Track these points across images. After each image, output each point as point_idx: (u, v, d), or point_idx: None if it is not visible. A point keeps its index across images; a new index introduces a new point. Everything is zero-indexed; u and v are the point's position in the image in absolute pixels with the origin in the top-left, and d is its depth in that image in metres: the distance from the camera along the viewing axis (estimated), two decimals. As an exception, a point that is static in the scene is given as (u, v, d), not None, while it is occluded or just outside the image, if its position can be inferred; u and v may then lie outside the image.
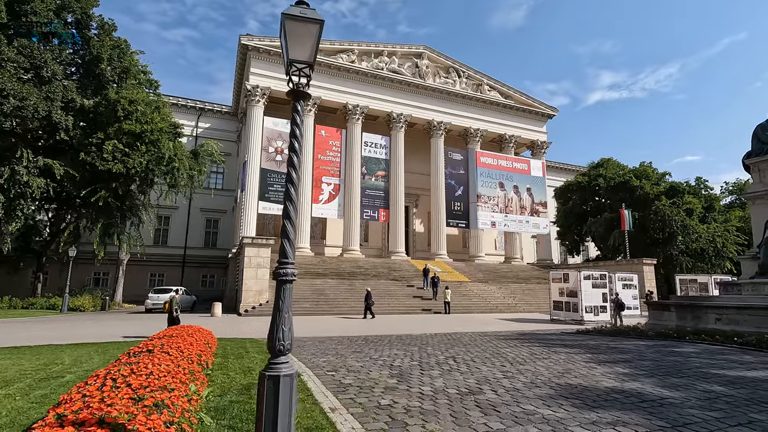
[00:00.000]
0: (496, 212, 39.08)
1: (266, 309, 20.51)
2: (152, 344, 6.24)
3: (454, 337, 12.60)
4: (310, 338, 12.18)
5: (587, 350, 9.68)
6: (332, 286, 24.63)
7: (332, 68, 34.82)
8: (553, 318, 20.57)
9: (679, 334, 11.93)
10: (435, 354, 9.05)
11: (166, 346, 6.22)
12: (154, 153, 23.74)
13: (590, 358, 8.43)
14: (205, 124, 42.57)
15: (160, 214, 40.06)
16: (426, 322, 17.83)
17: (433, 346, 10.32)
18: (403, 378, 6.39)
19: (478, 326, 16.42)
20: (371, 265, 30.99)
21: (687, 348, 10.12)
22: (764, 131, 13.98)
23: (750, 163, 14.28)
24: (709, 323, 12.27)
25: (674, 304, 13.52)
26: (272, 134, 33.24)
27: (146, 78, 27.63)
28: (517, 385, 6.06)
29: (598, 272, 20.37)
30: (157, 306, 22.12)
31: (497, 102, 41.00)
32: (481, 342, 11.29)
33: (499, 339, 12.07)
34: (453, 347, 10.19)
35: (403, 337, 12.48)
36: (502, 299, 27.21)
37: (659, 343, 11.21)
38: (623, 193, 38.67)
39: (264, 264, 21.58)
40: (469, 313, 23.25)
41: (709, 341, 10.93)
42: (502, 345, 10.59)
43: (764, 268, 12.64)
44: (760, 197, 13.73)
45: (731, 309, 11.86)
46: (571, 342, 11.38)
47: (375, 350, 9.61)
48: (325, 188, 34.02)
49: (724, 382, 6.39)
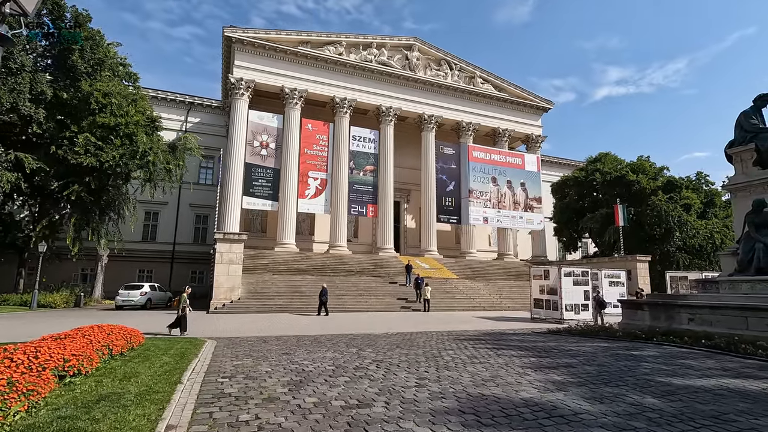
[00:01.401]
0: (488, 208, 38.26)
1: (237, 306, 20.00)
2: (23, 347, 5.66)
3: (410, 337, 11.94)
4: (256, 338, 11.57)
5: (537, 353, 8.97)
6: (310, 282, 24.04)
7: (319, 60, 34.11)
8: (533, 316, 19.82)
9: (649, 335, 11.16)
10: (369, 356, 8.40)
11: (39, 349, 5.65)
12: (129, 146, 23.25)
13: (532, 363, 7.72)
14: (195, 118, 42.02)
15: (149, 210, 39.81)
16: (396, 321, 17.18)
17: (376, 348, 9.66)
18: (299, 386, 5.74)
19: (448, 325, 15.74)
20: (356, 262, 30.38)
21: (648, 351, 9.36)
22: (747, 119, 13.07)
23: (732, 152, 13.38)
24: (683, 324, 11.48)
25: (647, 303, 12.71)
26: (257, 128, 32.70)
27: (125, 71, 27.11)
28: (421, 395, 5.39)
29: (579, 269, 19.58)
30: (127, 303, 21.69)
31: (490, 95, 40.04)
32: (432, 343, 10.61)
33: (455, 339, 11.38)
34: (396, 348, 9.53)
35: (357, 337, 11.84)
36: (488, 296, 26.47)
37: (622, 344, 10.46)
38: (620, 188, 37.62)
39: (236, 260, 21.04)
40: (449, 311, 22.56)
41: (677, 343, 10.17)
42: (450, 346, 9.91)
43: (743, 265, 11.80)
44: (742, 189, 12.86)
45: (704, 309, 11.05)
46: (528, 343, 10.66)
47: (309, 352, 8.98)
48: (311, 183, 33.43)
49: (662, 392, 5.67)
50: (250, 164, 31.89)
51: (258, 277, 23.90)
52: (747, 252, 11.66)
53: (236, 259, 20.99)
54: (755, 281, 11.19)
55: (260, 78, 32.46)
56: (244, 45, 32.09)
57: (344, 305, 21.68)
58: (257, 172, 32.08)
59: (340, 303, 21.88)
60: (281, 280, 23.57)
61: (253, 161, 32.10)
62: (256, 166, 32.15)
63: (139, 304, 22.06)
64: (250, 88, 32.13)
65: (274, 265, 26.77)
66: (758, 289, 11.09)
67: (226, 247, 20.91)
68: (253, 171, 31.94)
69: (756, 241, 11.48)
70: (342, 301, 22.14)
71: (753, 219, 11.70)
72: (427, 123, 37.49)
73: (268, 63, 32.83)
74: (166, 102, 40.70)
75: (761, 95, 13.10)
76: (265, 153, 32.50)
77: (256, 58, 32.52)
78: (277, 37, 33.01)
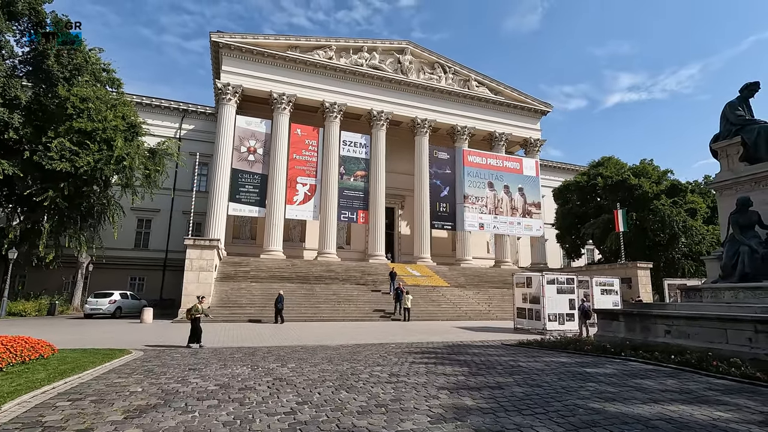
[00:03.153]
0: (484, 213, 37.10)
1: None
2: None
3: (357, 350, 10.97)
4: (190, 349, 10.74)
5: (476, 370, 7.93)
6: (289, 290, 23.18)
7: (308, 65, 33.64)
8: (516, 327, 18.62)
9: (619, 349, 10.00)
10: (278, 373, 7.49)
11: None
12: (106, 152, 22.89)
13: (455, 383, 6.71)
14: (189, 125, 41.87)
15: (141, 217, 39.61)
16: (363, 331, 16.20)
17: (302, 362, 8.74)
18: (143, 413, 4.86)
19: (415, 336, 14.70)
20: (344, 269, 29.48)
21: (606, 368, 8.23)
22: (733, 110, 11.89)
23: (717, 147, 12.19)
24: (659, 336, 10.30)
25: (622, 313, 11.52)
26: (245, 133, 32.28)
27: (108, 76, 26.91)
28: (277, 426, 4.46)
29: (564, 276, 18.35)
30: (96, 311, 21.12)
31: (486, 98, 39.06)
32: (373, 358, 9.63)
33: (404, 353, 10.38)
34: (324, 363, 8.59)
35: (297, 350, 10.94)
36: (476, 305, 25.28)
37: (584, 360, 9.33)
38: (622, 193, 36.10)
39: (207, 267, 20.34)
40: (431, 321, 21.46)
41: (645, 359, 9.01)
42: (386, 362, 8.92)
43: (726, 271, 10.59)
44: (728, 187, 11.66)
45: (681, 320, 9.86)
46: (481, 358, 9.60)
47: (222, 367, 8.10)
48: (300, 189, 32.79)
49: (582, 423, 4.65)
50: (237, 170, 31.42)
51: (235, 284, 23.18)
52: (731, 256, 10.46)
53: (207, 265, 20.29)
54: (739, 288, 9.98)
55: (248, 83, 32.10)
56: (231, 50, 31.83)
57: (319, 314, 20.78)
58: (244, 178, 31.58)
59: (315, 312, 21.01)
60: (258, 288, 22.79)
61: (240, 167, 31.63)
62: (243, 172, 31.66)
63: (108, 312, 21.49)
64: (237, 94, 31.78)
65: (256, 273, 26.04)
66: (742, 297, 9.88)
67: (196, 254, 20.24)
68: (240, 177, 31.46)
69: (741, 243, 10.29)
70: (318, 310, 21.26)
71: (737, 219, 10.53)
72: (420, 127, 36.65)
73: (257, 68, 32.49)
74: (160, 109, 40.71)
75: (747, 84, 11.96)
76: (252, 158, 32.02)
77: (244, 63, 32.21)
78: (266, 42, 32.69)
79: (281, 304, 18.40)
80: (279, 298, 18.48)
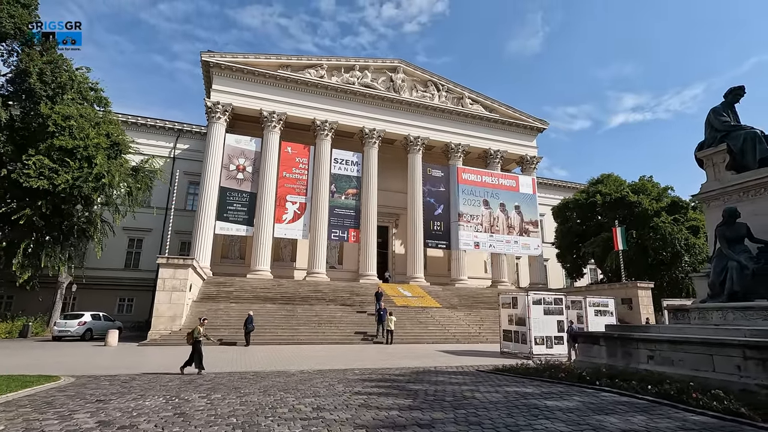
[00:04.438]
0: (480, 232, 36.13)
1: (174, 337, 18.34)
2: None
3: (309, 377, 10.02)
4: (128, 375, 9.88)
5: (422, 403, 6.96)
6: (269, 311, 22.30)
7: (299, 83, 33.58)
8: (503, 350, 17.47)
9: (595, 377, 8.95)
10: (184, 407, 6.61)
11: None
12: (87, 169, 22.57)
13: (383, 420, 5.78)
14: (184, 145, 41.87)
15: (132, 237, 39.22)
16: (336, 355, 15.21)
17: (230, 392, 7.85)
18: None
19: (387, 361, 13.68)
20: (331, 289, 28.53)
21: (569, 401, 7.22)
22: (718, 116, 11.09)
23: (702, 156, 11.35)
24: (641, 362, 9.25)
25: (603, 337, 10.46)
26: (234, 151, 32.00)
27: (96, 95, 26.90)
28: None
29: (552, 296, 17.27)
30: (64, 333, 20.32)
31: (480, 115, 38.65)
32: (315, 388, 8.69)
33: (361, 381, 9.43)
34: (255, 394, 7.68)
35: (248, 376, 10.04)
36: (466, 327, 24.09)
37: (549, 391, 8.28)
38: (621, 210, 35.07)
39: (180, 287, 19.56)
40: (415, 344, 20.33)
41: (621, 389, 7.96)
42: (325, 393, 7.96)
43: (714, 289, 9.58)
44: (715, 198, 10.75)
45: (664, 344, 8.83)
46: (437, 386, 8.61)
47: (140, 396, 7.25)
48: (289, 207, 32.20)
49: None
50: (225, 188, 31.01)
51: (213, 305, 22.33)
52: (719, 273, 9.48)
53: (180, 285, 19.52)
54: (728, 309, 8.96)
55: (238, 101, 32.02)
56: (222, 69, 31.88)
57: (296, 336, 19.78)
58: (232, 197, 31.12)
59: (292, 334, 20.02)
60: (237, 309, 21.90)
61: (229, 185, 31.22)
62: (232, 190, 31.23)
63: (77, 335, 20.66)
64: (227, 112, 31.66)
65: (239, 293, 25.20)
66: (731, 318, 8.85)
67: (169, 273, 19.52)
68: (228, 195, 31.01)
69: (729, 259, 9.32)
70: (296, 332, 20.27)
71: (724, 232, 9.59)
72: (413, 145, 36.19)
73: (247, 87, 32.46)
74: (155, 129, 40.82)
75: (732, 89, 11.19)
76: (241, 177, 31.63)
77: (234, 81, 32.21)
78: (256, 61, 32.75)
79: (251, 325, 17.51)
80: (248, 319, 17.61)
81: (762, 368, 7.18)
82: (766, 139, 10.32)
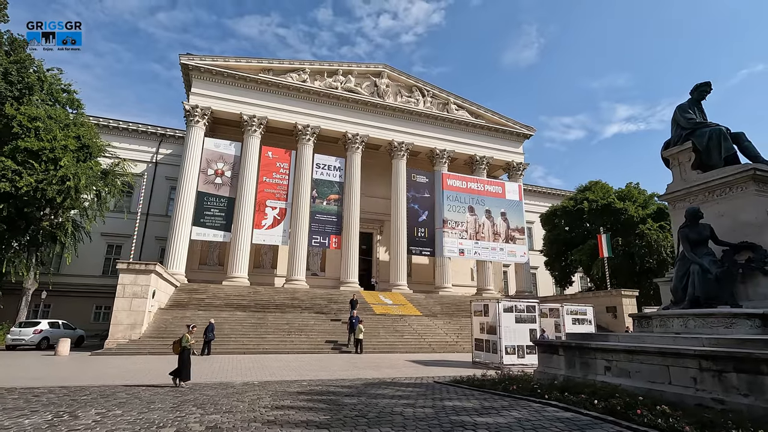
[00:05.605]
0: (465, 239, 35.49)
1: (132, 346, 17.54)
2: None
3: (244, 390, 9.31)
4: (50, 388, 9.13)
5: (332, 420, 6.28)
6: (238, 319, 21.52)
7: (281, 87, 33.15)
8: (474, 360, 16.76)
9: (548, 389, 8.27)
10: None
11: None
12: (52, 171, 21.90)
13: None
14: (167, 150, 41.24)
15: (111, 243, 38.48)
16: (296, 365, 14.47)
17: (136, 407, 7.13)
18: None
19: (349, 372, 12.96)
20: (309, 297, 27.76)
21: (506, 417, 6.54)
22: (683, 113, 10.57)
23: (668, 155, 10.80)
24: (599, 373, 8.59)
25: (562, 346, 9.81)
26: (213, 156, 31.39)
27: (69, 97, 26.36)
28: None
29: (524, 303, 16.59)
30: (18, 342, 19.46)
31: (466, 121, 38.26)
32: (238, 402, 7.98)
33: (291, 394, 8.72)
34: (157, 413, 6.98)
35: (180, 389, 9.32)
36: (443, 336, 23.35)
37: (491, 405, 7.59)
38: (607, 217, 34.60)
39: (142, 293, 18.77)
40: (388, 353, 19.58)
41: (568, 403, 7.28)
42: (232, 410, 7.28)
43: (677, 295, 8.96)
44: (680, 198, 10.18)
45: (621, 354, 8.17)
46: (374, 400, 7.91)
47: (22, 415, 6.52)
48: (269, 212, 31.53)
49: None
50: (202, 193, 30.33)
51: (179, 313, 21.54)
52: (681, 277, 8.87)
53: (142, 292, 18.73)
54: (689, 316, 8.33)
55: (217, 105, 31.51)
56: (201, 72, 31.41)
57: (263, 345, 19.00)
58: (210, 201, 30.44)
59: (259, 343, 19.24)
60: (205, 316, 21.07)
61: (206, 189, 30.55)
62: (209, 195, 30.55)
63: (32, 343, 19.81)
64: (206, 116, 31.12)
65: (211, 301, 24.42)
66: (692, 326, 8.21)
67: (130, 279, 18.74)
68: (205, 200, 30.33)
69: (691, 262, 8.72)
70: (263, 341, 19.49)
71: (687, 234, 8.99)
72: (397, 150, 35.70)
73: (227, 90, 31.97)
74: (137, 134, 40.25)
75: (698, 85, 10.69)
76: (219, 181, 30.98)
77: (214, 85, 31.73)
78: (237, 65, 32.31)
79: (211, 334, 16.77)
80: (209, 328, 16.88)
81: (718, 381, 6.54)
82: (731, 137, 9.79)
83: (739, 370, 6.27)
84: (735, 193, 9.08)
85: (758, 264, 8.12)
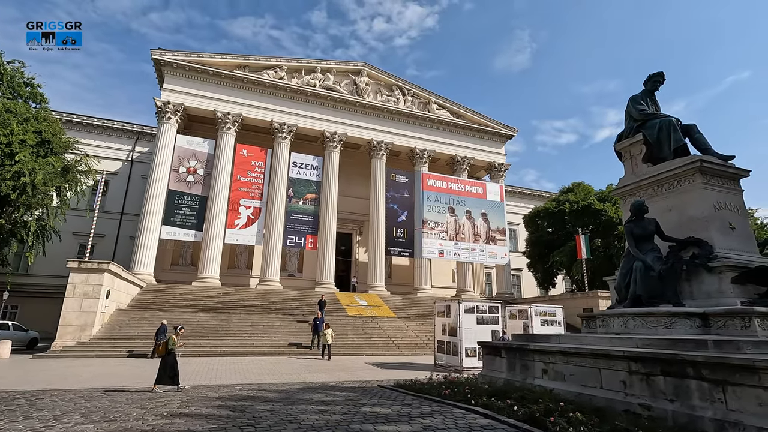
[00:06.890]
0: (444, 239, 34.98)
1: (80, 348, 16.79)
2: None
3: (152, 397, 8.67)
4: None
5: (213, 426, 5.69)
6: (200, 321, 20.79)
7: (257, 84, 32.49)
8: (437, 363, 16.19)
9: (477, 394, 7.71)
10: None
11: None
12: (6, 167, 21.08)
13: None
14: (143, 148, 40.36)
15: (84, 243, 37.31)
16: (243, 368, 13.83)
17: (19, 418, 6.48)
18: None
19: (298, 375, 12.35)
20: (281, 298, 27.09)
21: (410, 426, 5.97)
22: (636, 105, 10.11)
23: (620, 148, 10.33)
24: (536, 376, 8.06)
25: (504, 348, 9.28)
26: (185, 153, 30.64)
27: (32, 91, 25.52)
28: None
29: (486, 304, 16.08)
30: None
31: (447, 121, 37.83)
32: (128, 408, 7.36)
33: (199, 400, 8.09)
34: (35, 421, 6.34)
35: (96, 394, 8.65)
36: (414, 338, 22.78)
37: (409, 411, 7.01)
38: (588, 218, 34.28)
39: (93, 293, 18.00)
40: (354, 356, 18.94)
41: (490, 411, 6.73)
42: (116, 418, 6.65)
43: (620, 293, 8.47)
44: (631, 193, 9.70)
45: (557, 355, 7.65)
46: (287, 405, 7.32)
47: None
48: (243, 212, 30.80)
49: None
50: (173, 191, 29.55)
51: (138, 314, 20.78)
52: (624, 275, 8.38)
53: (93, 292, 17.97)
54: (629, 315, 7.83)
55: (190, 102, 30.79)
56: (174, 68, 30.72)
57: (221, 348, 18.30)
58: (181, 200, 29.67)
59: (217, 345, 18.54)
60: (167, 318, 20.33)
61: (178, 188, 29.78)
62: (180, 194, 29.78)
63: (-24, 345, 18.98)
64: (178, 112, 30.39)
65: (176, 302, 23.66)
66: (632, 326, 7.71)
67: (81, 278, 17.98)
68: (176, 198, 29.55)
69: (635, 259, 8.23)
70: (222, 343, 18.78)
71: (632, 229, 8.52)
72: (376, 149, 35.16)
73: (201, 86, 31.28)
74: (113, 131, 39.40)
75: (651, 75, 10.27)
76: (191, 179, 30.23)
77: (187, 81, 31.03)
78: (212, 61, 31.66)
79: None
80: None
81: (646, 384, 6.02)
82: (683, 128, 9.35)
83: (665, 373, 5.77)
84: (683, 186, 8.63)
85: (702, 260, 7.64)
